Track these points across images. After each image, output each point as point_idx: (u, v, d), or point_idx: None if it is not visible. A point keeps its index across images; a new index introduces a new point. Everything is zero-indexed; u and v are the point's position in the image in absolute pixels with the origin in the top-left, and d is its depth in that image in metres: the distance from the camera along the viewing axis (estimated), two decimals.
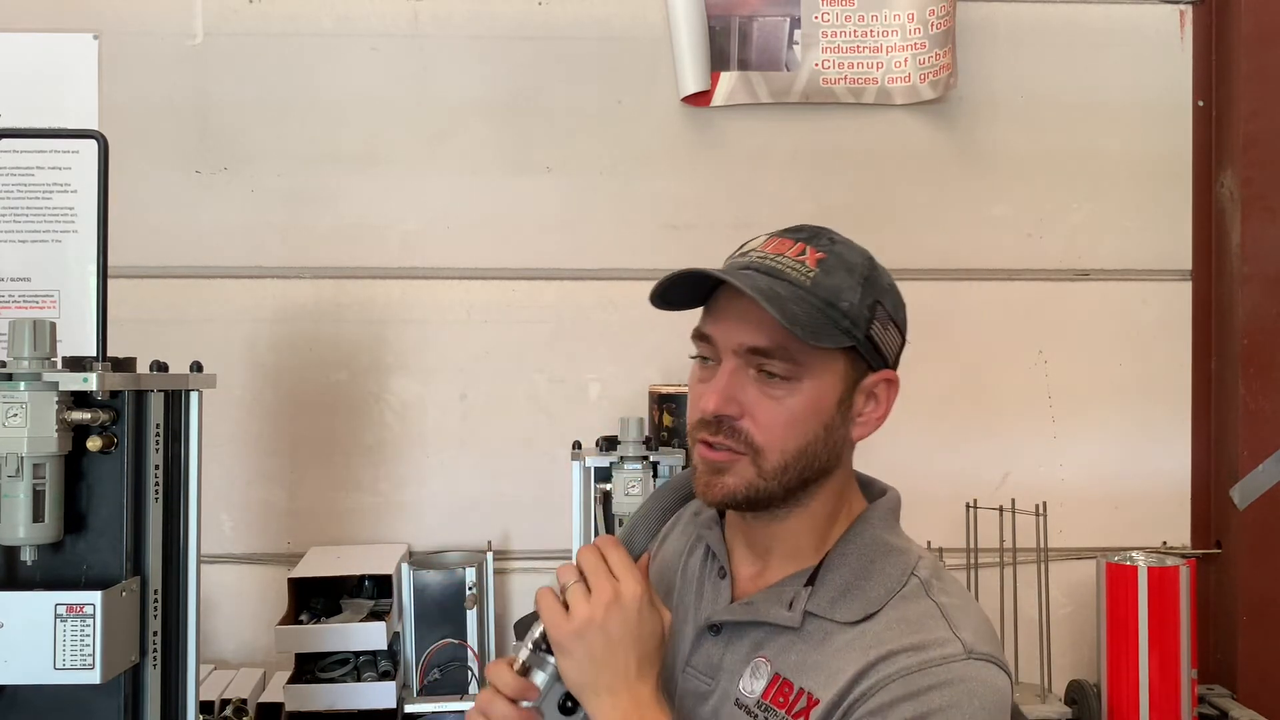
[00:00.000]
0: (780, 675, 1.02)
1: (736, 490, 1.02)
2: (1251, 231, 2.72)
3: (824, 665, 1.00)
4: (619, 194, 2.75)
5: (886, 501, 1.11)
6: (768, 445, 1.01)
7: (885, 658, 0.96)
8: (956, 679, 0.94)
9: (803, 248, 1.03)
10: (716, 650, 1.07)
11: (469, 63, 2.74)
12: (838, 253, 1.04)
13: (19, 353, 1.60)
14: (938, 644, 0.96)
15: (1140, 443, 2.82)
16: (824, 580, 1.04)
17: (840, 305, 1.00)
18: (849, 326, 1.00)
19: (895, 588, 1.02)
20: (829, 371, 1.02)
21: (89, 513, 1.67)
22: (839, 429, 1.04)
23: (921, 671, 0.94)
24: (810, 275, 1.00)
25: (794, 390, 1.01)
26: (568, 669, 0.99)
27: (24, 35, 2.66)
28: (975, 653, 0.96)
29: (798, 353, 0.99)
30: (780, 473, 1.02)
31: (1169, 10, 2.84)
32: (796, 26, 2.74)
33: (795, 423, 1.01)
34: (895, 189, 2.79)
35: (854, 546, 1.06)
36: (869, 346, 1.02)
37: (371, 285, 2.73)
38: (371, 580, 2.53)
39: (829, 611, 1.02)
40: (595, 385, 2.75)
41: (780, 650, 1.03)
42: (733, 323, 1.02)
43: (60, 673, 1.56)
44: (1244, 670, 2.69)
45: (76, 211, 2.65)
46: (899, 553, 1.06)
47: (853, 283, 1.01)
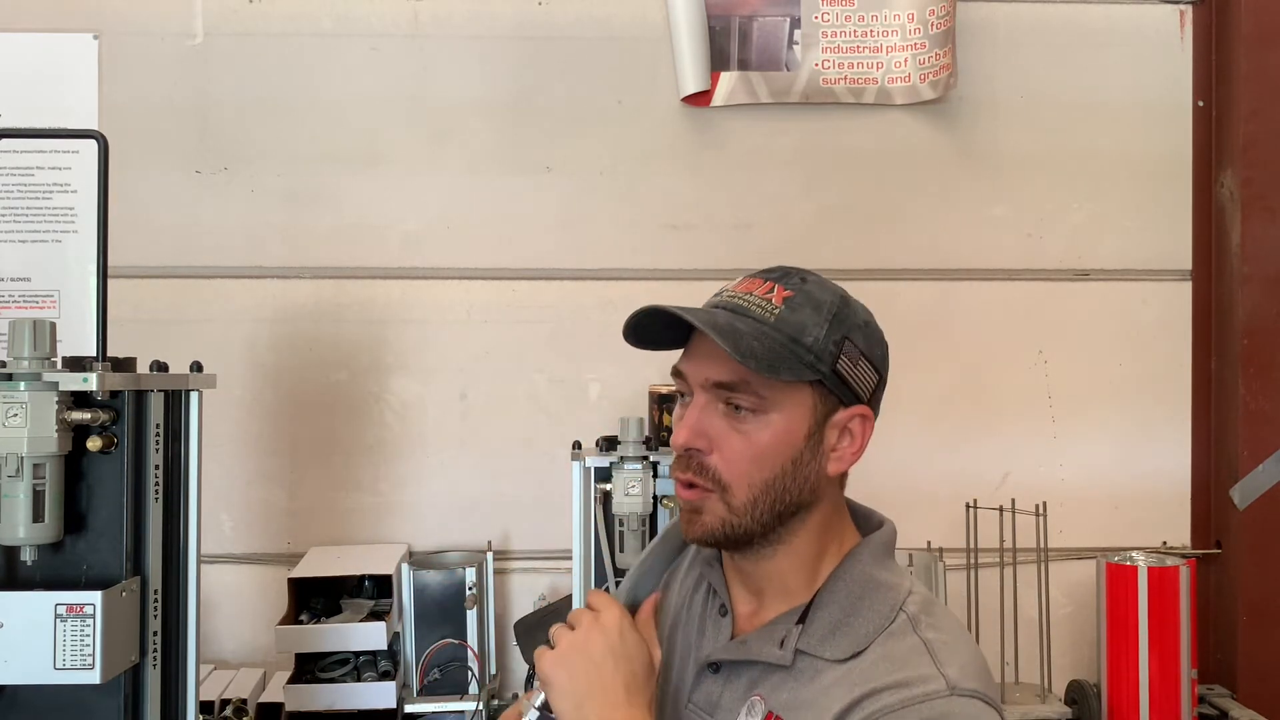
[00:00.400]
0: (774, 713, 1.03)
1: (714, 528, 1.05)
2: (1251, 231, 2.72)
3: (814, 702, 1.00)
4: (619, 194, 2.75)
5: (879, 536, 1.11)
6: (734, 480, 1.03)
7: (869, 695, 0.96)
8: (939, 715, 0.94)
9: (771, 286, 1.06)
10: (716, 688, 1.09)
11: (469, 63, 2.74)
12: (807, 291, 1.06)
13: (19, 353, 1.60)
14: (920, 681, 0.96)
15: (1140, 443, 2.82)
16: (814, 618, 1.05)
17: (804, 341, 1.02)
18: (813, 361, 1.02)
19: (883, 624, 1.02)
20: (797, 406, 1.03)
21: (89, 513, 1.67)
22: (809, 463, 1.05)
23: (905, 708, 0.94)
24: (775, 312, 1.03)
25: (762, 424, 1.03)
26: (557, 701, 1.01)
27: (24, 35, 2.66)
28: (959, 689, 0.95)
29: (761, 387, 1.02)
30: (750, 507, 1.04)
31: (1169, 10, 2.84)
32: (796, 26, 2.74)
33: (760, 457, 1.03)
34: (895, 189, 2.79)
35: (843, 584, 1.06)
36: (836, 381, 1.04)
37: (371, 285, 2.73)
38: (371, 580, 2.53)
39: (819, 649, 1.03)
40: (595, 385, 2.75)
41: (773, 688, 1.04)
42: (700, 360, 1.06)
43: (60, 673, 1.56)
44: (1244, 670, 2.69)
45: (76, 211, 2.65)
46: (887, 589, 1.06)
47: (819, 319, 1.03)
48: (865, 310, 1.10)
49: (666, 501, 2.20)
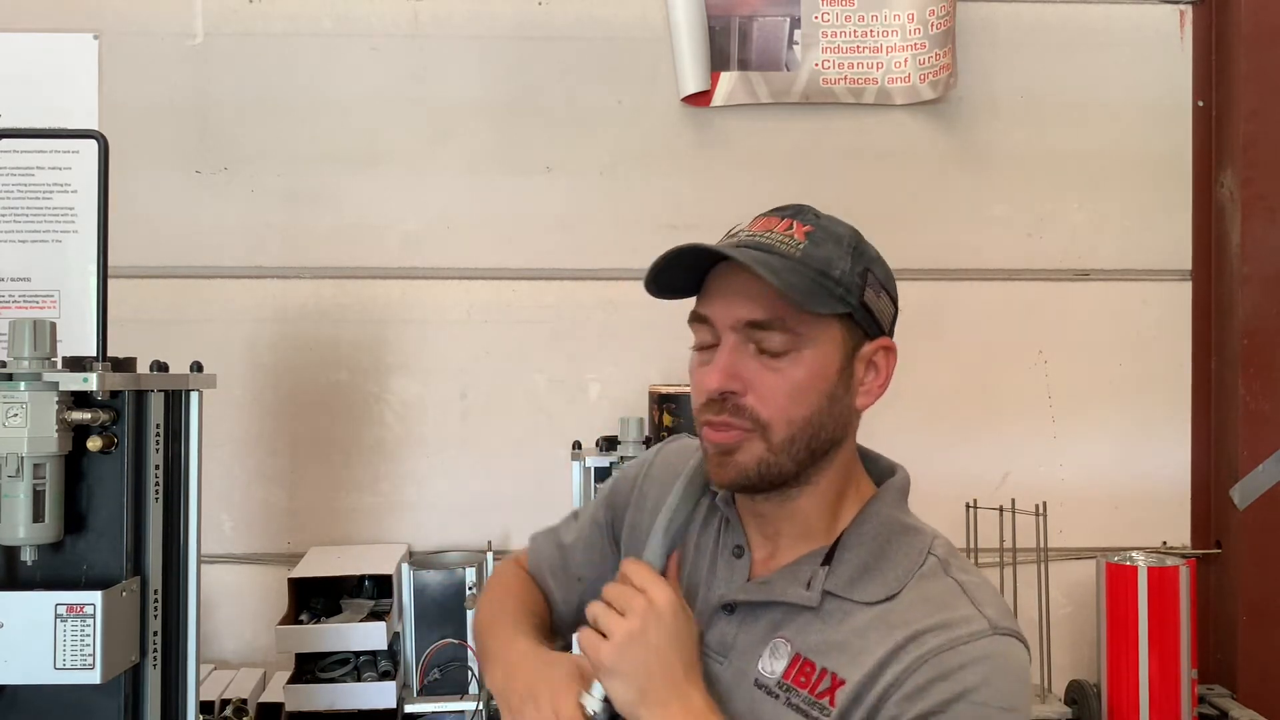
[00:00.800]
0: (801, 655, 1.01)
1: (748, 468, 1.02)
2: (1251, 231, 2.72)
3: (847, 645, 1.00)
4: (619, 194, 2.75)
5: (897, 481, 1.11)
6: (773, 418, 1.01)
7: (913, 638, 0.96)
8: (985, 655, 0.95)
9: (790, 223, 1.04)
10: (730, 629, 1.07)
11: (469, 63, 2.74)
12: (824, 225, 1.05)
13: (19, 353, 1.60)
14: (963, 621, 0.97)
15: (1140, 443, 2.82)
16: (841, 559, 1.04)
17: (832, 274, 1.01)
18: (843, 294, 1.01)
19: (914, 567, 1.02)
20: (827, 340, 1.02)
21: (89, 513, 1.67)
22: (842, 398, 1.03)
23: (952, 650, 0.95)
24: (800, 247, 1.01)
25: (795, 361, 1.00)
26: (616, 691, 0.98)
27: (24, 35, 2.66)
28: (999, 628, 0.97)
29: (795, 323, 1.00)
30: (789, 444, 1.01)
31: (1169, 10, 2.84)
32: (796, 26, 2.74)
33: (798, 393, 1.01)
34: (895, 189, 2.79)
35: (870, 526, 1.06)
36: (864, 313, 1.03)
37: (371, 285, 2.73)
38: (371, 580, 2.53)
39: (847, 591, 1.02)
40: (595, 385, 2.75)
41: (799, 630, 1.03)
42: (729, 299, 1.02)
43: (60, 673, 1.56)
44: (1244, 670, 2.69)
45: (76, 211, 2.65)
46: (914, 532, 1.06)
47: (842, 252, 1.02)
48: (874, 248, 1.08)
49: None
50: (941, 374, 2.77)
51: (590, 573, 1.25)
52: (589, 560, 1.27)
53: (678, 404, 2.45)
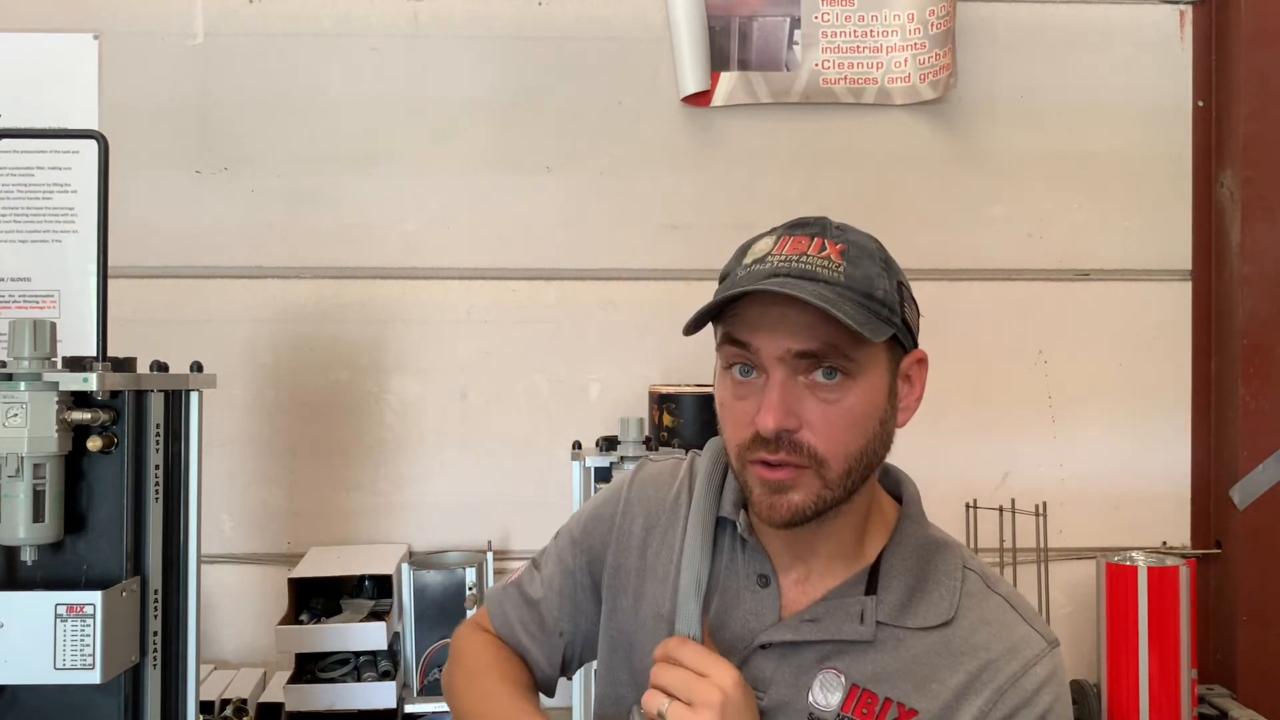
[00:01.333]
0: (859, 686, 0.99)
1: (805, 507, 0.96)
2: (1251, 231, 2.72)
3: (909, 673, 0.99)
4: (619, 194, 2.75)
5: (914, 495, 1.11)
6: (831, 454, 0.95)
7: (986, 668, 0.99)
8: (1050, 674, 1.00)
9: (821, 242, 0.98)
10: (769, 664, 1.02)
11: (469, 63, 2.74)
12: (853, 240, 0.99)
13: (19, 353, 1.60)
14: (1025, 644, 1.00)
15: (1140, 443, 2.82)
16: (886, 586, 1.02)
17: (876, 294, 0.96)
18: (888, 315, 0.96)
19: (956, 585, 1.03)
20: (877, 364, 0.97)
21: (89, 513, 1.67)
22: (890, 420, 1.00)
23: (1025, 676, 0.99)
24: (841, 270, 0.95)
25: (848, 391, 0.95)
26: None
27: (24, 35, 2.66)
28: (1051, 641, 1.02)
29: (848, 351, 0.94)
30: (845, 478, 0.97)
31: (1169, 10, 2.84)
32: (796, 26, 2.74)
33: (854, 424, 0.96)
34: (895, 189, 2.79)
35: (907, 548, 1.05)
36: (905, 330, 0.99)
37: (371, 285, 2.73)
38: (371, 580, 2.53)
39: (899, 619, 1.01)
40: (595, 385, 2.75)
41: (853, 662, 1.00)
42: (775, 329, 0.95)
43: (60, 673, 1.56)
44: (1244, 670, 2.69)
45: (76, 211, 2.65)
46: (945, 547, 1.07)
47: (878, 269, 0.97)
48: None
49: None
50: (941, 374, 2.74)
51: (570, 625, 1.18)
52: (566, 612, 1.18)
53: (678, 404, 2.45)
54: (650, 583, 1.11)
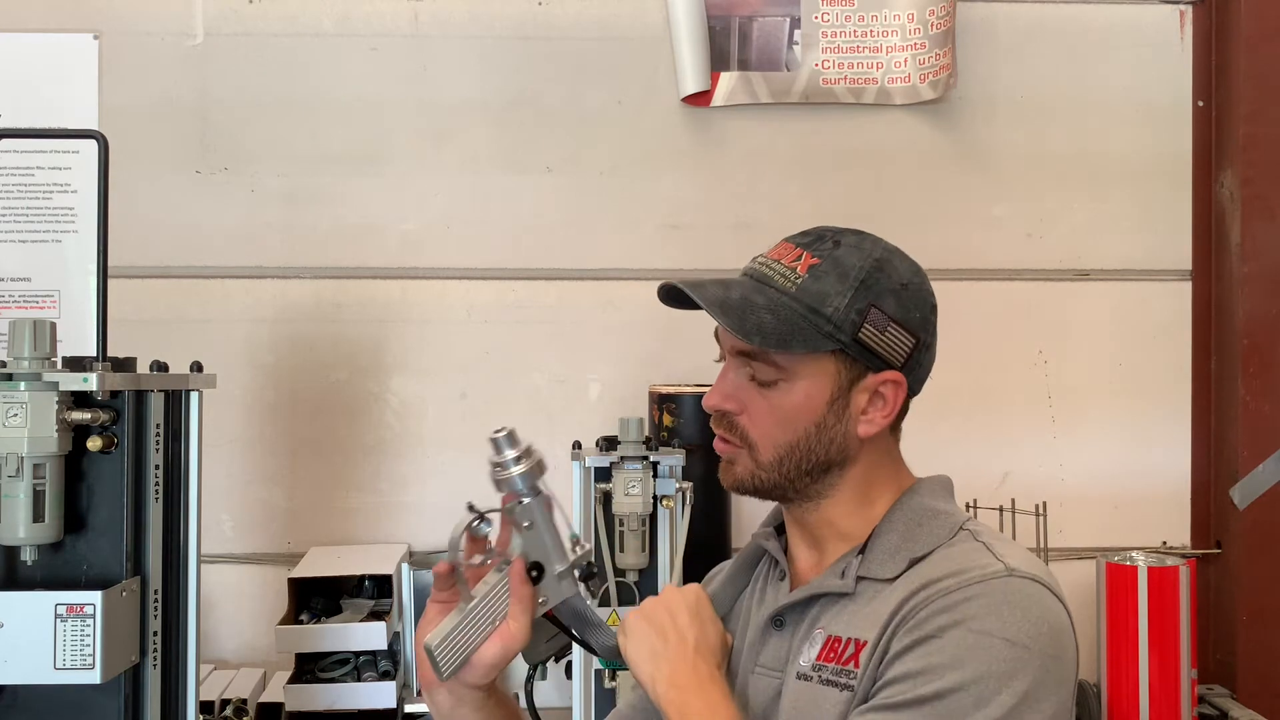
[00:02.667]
0: (831, 635, 1.04)
1: (743, 479, 1.09)
2: (1251, 231, 2.72)
3: (872, 613, 1.02)
4: (619, 194, 2.75)
5: (936, 477, 1.15)
6: (760, 440, 1.07)
7: (925, 585, 0.99)
8: (996, 591, 0.96)
9: (800, 254, 1.07)
10: (782, 643, 1.09)
11: (469, 63, 2.74)
12: (836, 257, 1.06)
13: (19, 353, 1.60)
14: (979, 567, 0.99)
15: (1140, 443, 2.82)
16: (874, 546, 1.07)
17: (824, 311, 1.03)
18: (831, 330, 1.03)
19: (942, 541, 1.05)
20: (817, 373, 1.06)
21: (89, 513, 1.67)
22: (833, 426, 1.07)
23: (960, 589, 0.96)
24: (796, 282, 1.05)
25: (784, 391, 1.06)
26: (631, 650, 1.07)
27: (24, 35, 2.66)
28: (1018, 571, 0.98)
29: (780, 358, 1.05)
30: (776, 465, 1.07)
31: (1169, 10, 2.84)
32: (796, 26, 2.74)
33: (783, 421, 1.07)
34: (895, 189, 2.79)
35: (900, 514, 1.09)
36: (858, 349, 1.05)
37: (371, 285, 2.73)
38: (371, 580, 2.53)
39: (877, 572, 1.05)
40: (595, 385, 2.75)
41: (834, 616, 1.05)
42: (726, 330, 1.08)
43: (60, 673, 1.56)
44: (1244, 670, 2.69)
45: (76, 211, 2.65)
46: (946, 515, 1.08)
47: (843, 288, 1.04)
48: (910, 270, 1.11)
49: (666, 501, 2.20)
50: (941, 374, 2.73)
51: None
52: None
53: (678, 404, 2.45)
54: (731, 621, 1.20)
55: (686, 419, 2.44)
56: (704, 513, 2.22)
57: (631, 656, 1.07)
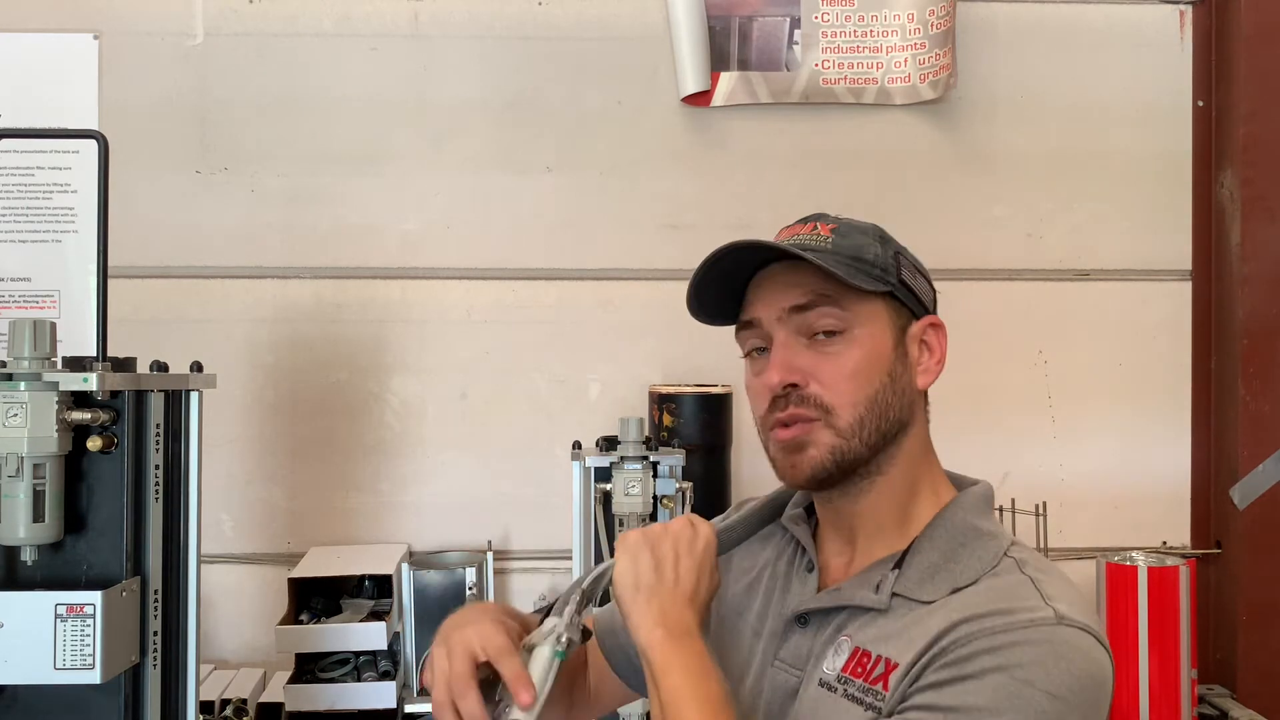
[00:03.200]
0: (860, 648, 1.00)
1: (823, 459, 1.02)
2: (1251, 231, 2.72)
3: (905, 633, 0.98)
4: (619, 194, 2.75)
5: (980, 489, 1.10)
6: (837, 402, 1.01)
7: (969, 619, 0.93)
8: (1044, 640, 0.90)
9: (814, 225, 1.08)
10: (805, 641, 1.06)
11: (469, 63, 2.74)
12: (846, 222, 1.08)
13: (19, 353, 1.60)
14: (1027, 609, 0.93)
15: (1140, 443, 2.82)
16: (911, 563, 1.02)
17: (866, 257, 1.04)
18: (880, 274, 1.04)
19: (986, 569, 0.99)
20: (875, 319, 1.04)
21: (89, 513, 1.67)
22: (902, 375, 1.05)
23: (1006, 631, 0.91)
24: (828, 241, 1.04)
25: (849, 342, 1.02)
26: (620, 571, 1.01)
27: (24, 35, 2.66)
28: (1068, 619, 0.92)
29: (840, 301, 1.02)
30: (858, 427, 1.02)
31: (1169, 10, 2.84)
32: (796, 26, 2.74)
33: (859, 373, 1.02)
34: (895, 189, 2.79)
35: (944, 530, 1.04)
36: (905, 291, 1.06)
37: (371, 285, 2.73)
38: (371, 580, 2.53)
39: (915, 593, 1.00)
40: (595, 385, 2.75)
41: (862, 627, 1.02)
42: (770, 295, 1.05)
43: (60, 673, 1.56)
44: (1244, 670, 2.69)
45: (76, 211, 2.65)
46: (990, 537, 1.03)
47: (869, 240, 1.06)
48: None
49: (666, 501, 2.20)
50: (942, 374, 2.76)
51: None
52: None
53: (678, 404, 2.45)
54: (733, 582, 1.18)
55: (686, 419, 2.44)
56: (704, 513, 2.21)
57: (621, 577, 1.01)
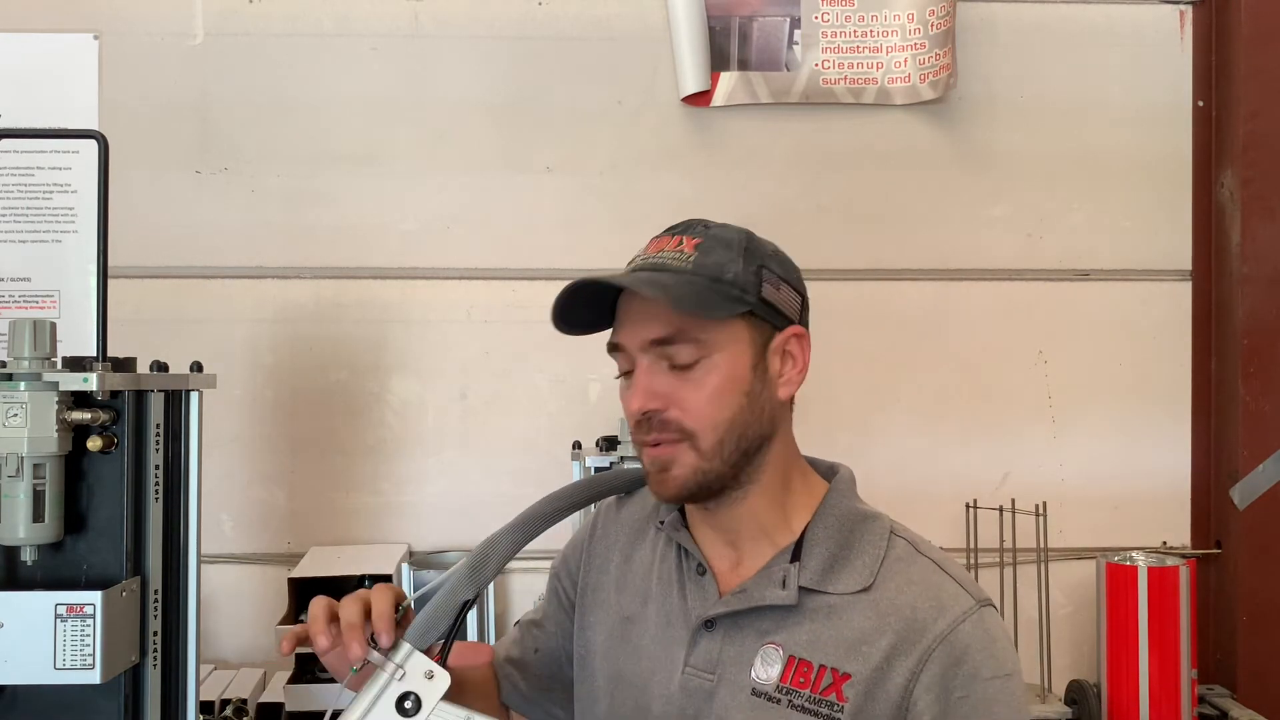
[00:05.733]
0: (795, 657, 1.03)
1: (687, 479, 1.05)
2: (1251, 231, 2.72)
3: (839, 638, 1.02)
4: (619, 194, 2.75)
5: (845, 474, 1.14)
6: (698, 426, 1.04)
7: (912, 628, 1.00)
8: (982, 632, 1.01)
9: (679, 239, 1.09)
10: (714, 645, 1.07)
11: (469, 63, 2.74)
12: (713, 234, 1.08)
13: (19, 353, 1.60)
14: (953, 601, 1.02)
15: (1140, 443, 2.82)
16: (809, 553, 1.06)
17: (725, 277, 1.04)
18: (739, 294, 1.04)
19: (881, 553, 1.06)
20: (734, 342, 1.05)
21: (89, 513, 1.67)
22: (761, 393, 1.06)
23: (954, 633, 1.00)
24: (690, 260, 1.05)
25: (707, 369, 1.04)
26: None
27: (24, 35, 2.66)
28: (980, 599, 1.03)
29: (698, 332, 1.03)
30: (719, 449, 1.04)
31: (1169, 10, 2.84)
32: (796, 26, 2.74)
33: (717, 398, 1.04)
34: (895, 189, 2.79)
35: (831, 518, 1.08)
36: (765, 308, 1.06)
37: (371, 285, 2.73)
38: (371, 580, 2.52)
39: (822, 584, 1.04)
40: (595, 385, 2.75)
41: (788, 635, 1.04)
42: (634, 323, 1.07)
43: (60, 673, 1.56)
44: (1244, 670, 2.69)
45: (76, 211, 2.65)
46: (873, 518, 1.09)
47: (733, 255, 1.06)
48: (771, 243, 1.11)
49: None
50: (941, 374, 2.77)
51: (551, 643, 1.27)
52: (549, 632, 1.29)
53: None
54: (617, 591, 1.19)
55: None
56: None
57: None
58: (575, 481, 1.24)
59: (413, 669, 1.02)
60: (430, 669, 1.02)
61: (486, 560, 1.12)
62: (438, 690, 1.01)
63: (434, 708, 1.00)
